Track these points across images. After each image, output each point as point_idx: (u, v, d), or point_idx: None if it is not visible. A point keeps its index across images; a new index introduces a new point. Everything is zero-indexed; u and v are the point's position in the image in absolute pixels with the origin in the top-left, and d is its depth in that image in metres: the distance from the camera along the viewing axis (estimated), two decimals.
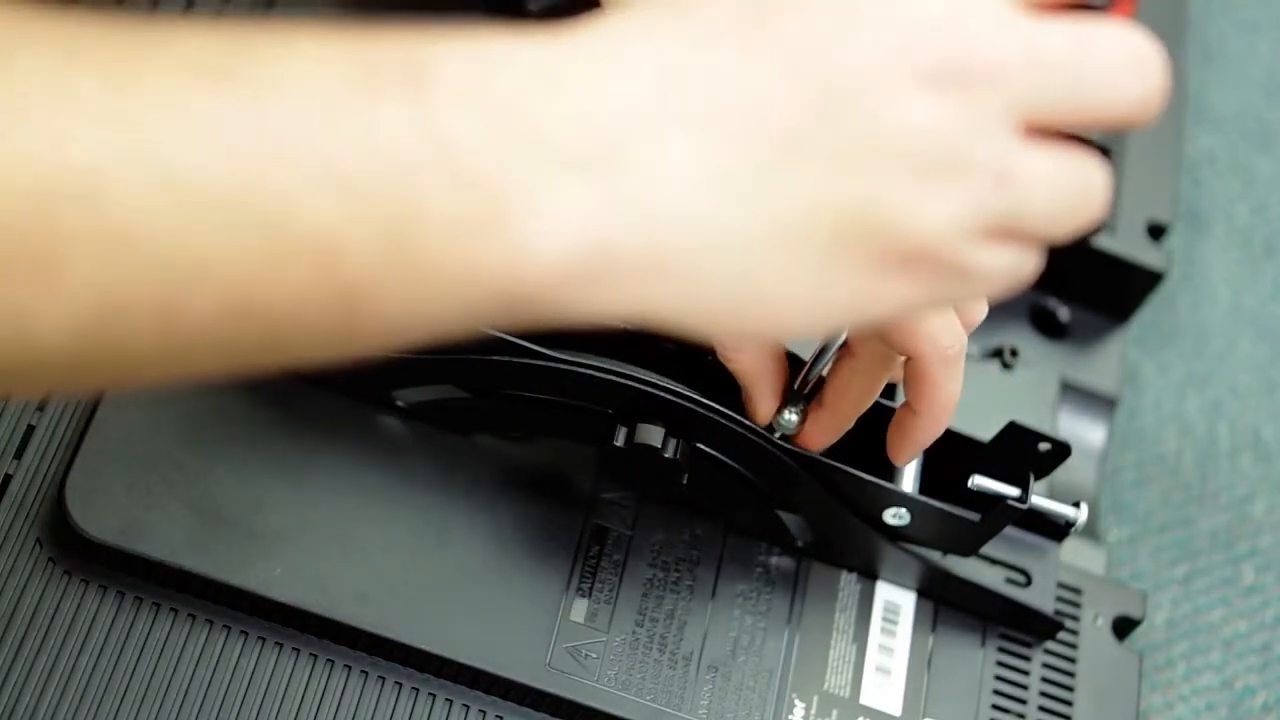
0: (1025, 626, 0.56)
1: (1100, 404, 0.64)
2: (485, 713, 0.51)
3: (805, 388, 0.50)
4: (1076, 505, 0.54)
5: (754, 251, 0.34)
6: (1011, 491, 0.52)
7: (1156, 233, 0.66)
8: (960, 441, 0.52)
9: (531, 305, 0.34)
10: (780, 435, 0.51)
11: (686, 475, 0.51)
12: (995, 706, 0.55)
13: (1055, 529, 0.56)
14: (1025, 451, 0.52)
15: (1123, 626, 0.58)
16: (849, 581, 0.56)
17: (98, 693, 0.48)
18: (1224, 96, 0.79)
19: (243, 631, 0.49)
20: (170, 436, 0.51)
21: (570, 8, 0.38)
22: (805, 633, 0.54)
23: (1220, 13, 0.82)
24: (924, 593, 0.56)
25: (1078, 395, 0.64)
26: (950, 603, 0.56)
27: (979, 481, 0.52)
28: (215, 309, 0.31)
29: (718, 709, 0.52)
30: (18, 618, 0.48)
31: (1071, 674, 0.57)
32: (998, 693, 0.56)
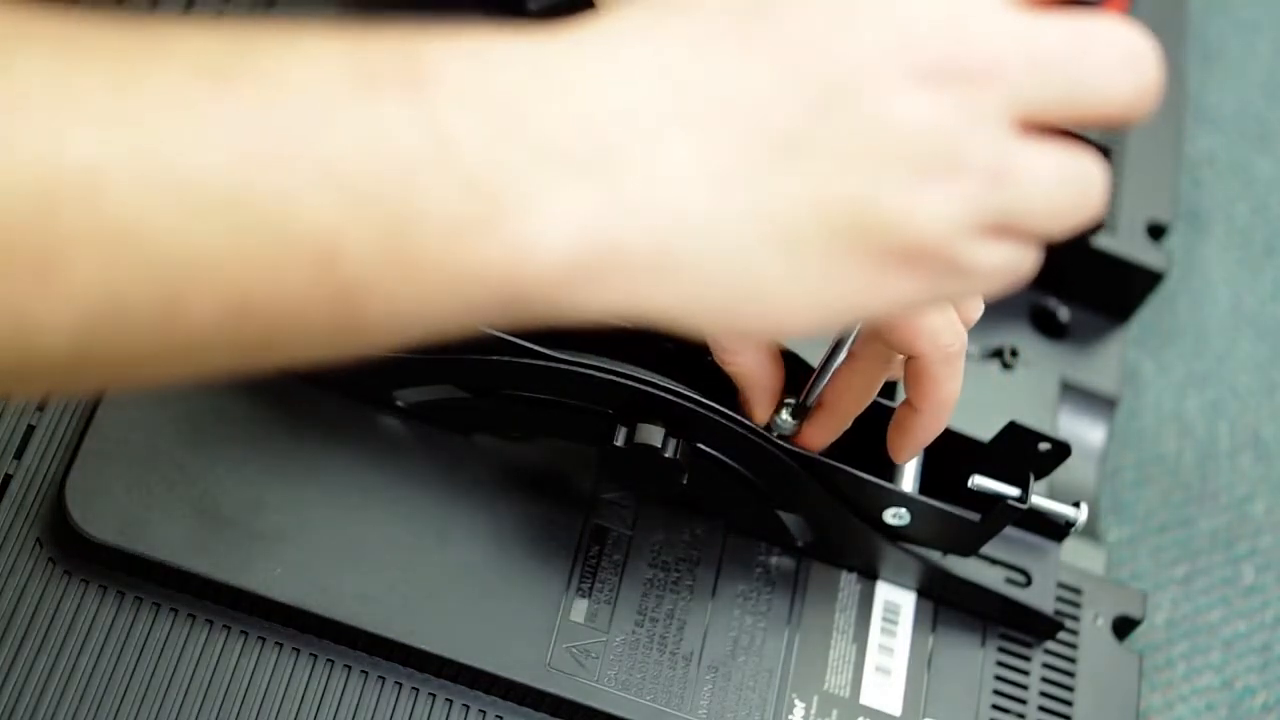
0: (1025, 626, 0.56)
1: (1100, 404, 0.64)
2: (485, 713, 0.51)
3: (808, 399, 0.50)
4: (1076, 505, 0.54)
5: (753, 250, 0.34)
6: (1011, 491, 0.52)
7: (1156, 233, 0.66)
8: (960, 441, 0.52)
9: (531, 304, 0.34)
10: (779, 435, 0.51)
11: (686, 475, 0.51)
12: (995, 706, 0.55)
13: (1055, 529, 0.56)
14: (1025, 451, 0.52)
15: (1123, 626, 0.58)
16: (849, 581, 0.56)
17: (98, 693, 0.48)
18: (1224, 96, 0.79)
19: (243, 631, 0.49)
20: (170, 436, 0.51)
21: (570, 8, 0.39)
22: (805, 633, 0.54)
23: (1220, 13, 0.82)
24: (924, 593, 0.56)
25: (1078, 395, 0.64)
26: (950, 603, 0.56)
27: (979, 481, 0.52)
28: (215, 308, 0.31)
29: (718, 709, 0.52)
30: (18, 618, 0.48)
31: (1071, 674, 0.56)
32: (998, 693, 0.56)
